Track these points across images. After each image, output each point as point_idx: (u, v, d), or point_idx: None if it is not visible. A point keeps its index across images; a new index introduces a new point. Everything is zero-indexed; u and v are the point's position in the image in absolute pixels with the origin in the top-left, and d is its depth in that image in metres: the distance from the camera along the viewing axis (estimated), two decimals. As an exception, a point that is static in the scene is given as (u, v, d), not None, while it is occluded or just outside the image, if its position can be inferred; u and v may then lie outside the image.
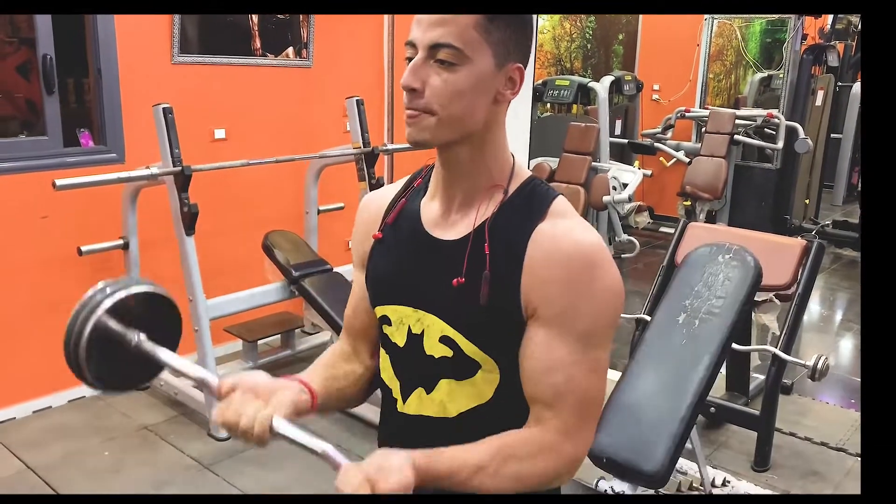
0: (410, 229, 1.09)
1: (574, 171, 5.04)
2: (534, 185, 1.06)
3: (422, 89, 0.97)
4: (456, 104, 0.97)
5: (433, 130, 0.99)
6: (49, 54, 3.11)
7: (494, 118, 1.02)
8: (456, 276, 1.02)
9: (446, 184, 1.07)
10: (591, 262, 0.98)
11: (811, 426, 3.30)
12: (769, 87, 6.93)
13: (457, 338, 1.03)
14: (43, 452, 2.95)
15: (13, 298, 3.13)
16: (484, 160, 1.04)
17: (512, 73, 1.01)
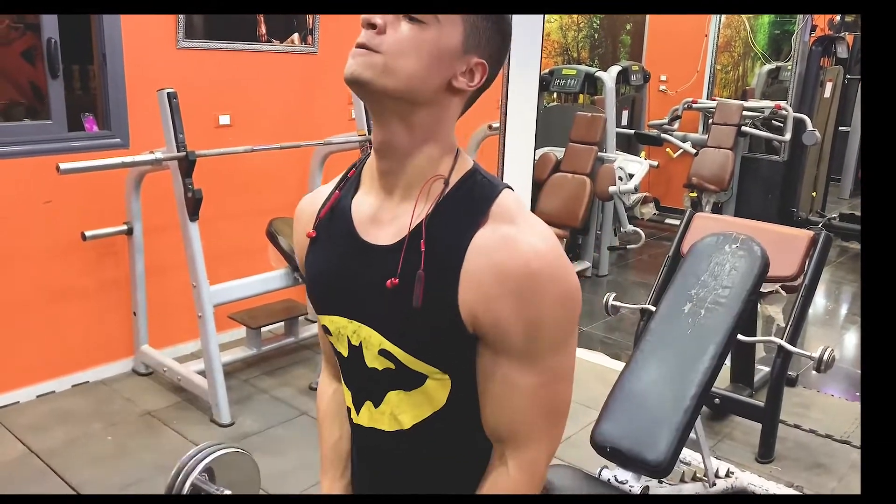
0: (343, 230, 1.01)
1: (580, 161, 5.02)
2: (475, 179, 0.97)
3: (382, 28, 0.90)
4: (410, 57, 0.89)
5: (376, 71, 0.89)
6: (54, 38, 3.09)
7: (444, 106, 0.94)
8: (391, 278, 0.93)
9: (382, 174, 0.98)
10: (536, 277, 0.89)
11: (816, 418, 3.29)
12: (777, 79, 6.87)
13: (395, 351, 0.96)
14: (46, 437, 2.95)
15: (17, 283, 3.13)
16: (425, 148, 0.95)
17: (474, 66, 0.93)
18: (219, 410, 3.08)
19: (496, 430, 0.98)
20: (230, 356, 3.42)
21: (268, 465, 2.81)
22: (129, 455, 2.86)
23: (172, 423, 3.10)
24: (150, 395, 3.33)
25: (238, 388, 3.38)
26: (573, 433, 3.02)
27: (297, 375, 3.53)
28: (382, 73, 0.90)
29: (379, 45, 0.90)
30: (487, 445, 1.00)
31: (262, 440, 2.99)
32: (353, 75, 0.91)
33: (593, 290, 5.01)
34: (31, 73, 3.76)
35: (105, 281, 3.41)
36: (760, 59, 6.95)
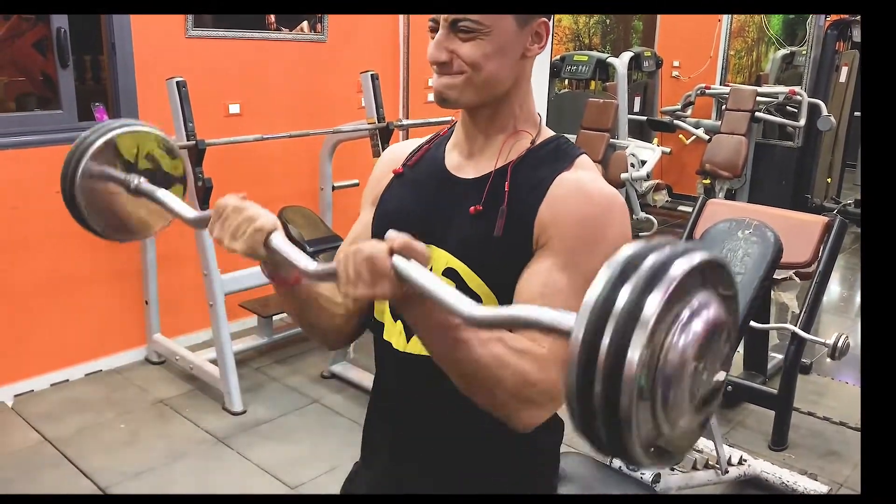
0: (431, 170, 1.11)
1: (592, 147, 4.99)
2: (560, 141, 1.08)
3: (450, 60, 0.99)
4: (485, 68, 0.99)
5: (460, 90, 1.01)
6: (63, 28, 3.09)
7: (522, 73, 1.04)
8: (475, 204, 1.02)
9: (470, 131, 1.08)
10: (609, 207, 0.99)
11: (830, 406, 3.26)
12: (792, 64, 6.80)
13: (461, 269, 1.03)
14: (60, 425, 2.97)
15: (30, 272, 3.15)
16: (510, 111, 1.06)
17: (538, 28, 1.02)
18: (230, 399, 3.09)
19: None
20: (242, 345, 3.43)
21: (280, 452, 2.83)
22: (141, 443, 2.88)
23: (185, 411, 3.11)
24: (163, 383, 3.35)
25: (250, 377, 3.39)
26: (585, 421, 3.02)
27: (308, 364, 3.54)
28: (465, 89, 1.00)
29: (460, 69, 0.99)
30: None
31: (273, 428, 3.00)
32: (442, 97, 1.02)
33: (605, 277, 4.98)
34: (43, 63, 3.77)
35: (117, 270, 3.42)
36: (774, 44, 6.87)
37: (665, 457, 0.66)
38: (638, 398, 0.59)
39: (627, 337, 0.59)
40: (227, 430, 2.97)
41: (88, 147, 1.11)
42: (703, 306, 0.62)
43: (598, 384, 0.59)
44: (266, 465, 2.74)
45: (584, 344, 0.60)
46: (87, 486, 2.60)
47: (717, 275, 0.65)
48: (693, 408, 0.64)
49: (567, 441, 1.21)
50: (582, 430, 0.64)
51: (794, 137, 5.95)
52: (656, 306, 0.59)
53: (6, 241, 3.06)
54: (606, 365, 0.59)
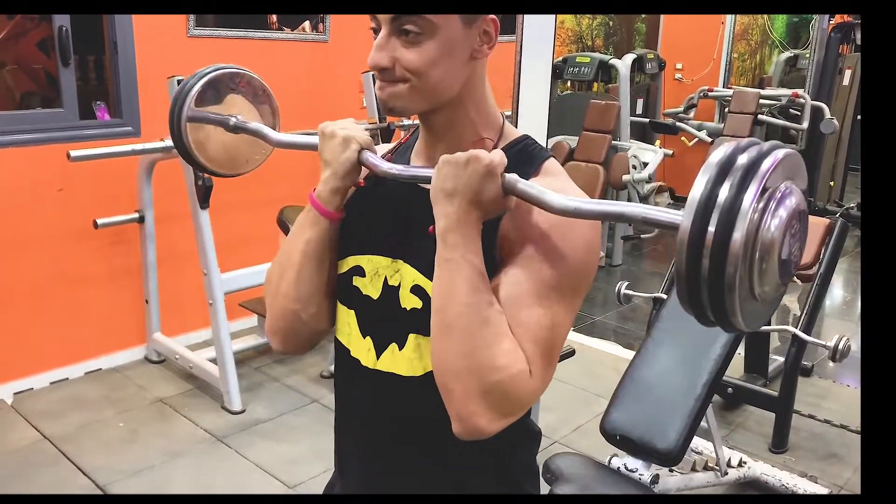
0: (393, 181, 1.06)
1: (593, 149, 4.98)
2: (525, 143, 1.03)
3: (391, 65, 0.93)
4: (430, 75, 0.93)
5: (407, 98, 0.95)
6: (65, 26, 3.10)
7: (472, 75, 0.98)
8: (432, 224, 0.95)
9: (429, 143, 1.04)
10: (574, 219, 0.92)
11: (831, 409, 3.25)
12: (795, 67, 6.78)
13: (428, 287, 0.98)
14: (59, 423, 2.97)
15: (31, 270, 3.15)
16: (467, 116, 1.00)
17: (486, 26, 0.96)
18: (230, 398, 3.09)
19: None
20: (241, 344, 3.43)
21: (279, 452, 2.82)
22: (140, 441, 2.88)
23: (184, 410, 3.11)
24: (162, 382, 3.35)
25: (249, 376, 3.39)
26: (585, 422, 3.01)
27: (307, 364, 3.53)
28: (411, 97, 0.95)
29: (398, 77, 0.94)
30: None
31: (272, 427, 3.00)
32: (389, 108, 0.98)
33: (607, 279, 4.97)
34: (47, 63, 3.78)
35: (117, 269, 3.43)
36: (778, 47, 6.86)
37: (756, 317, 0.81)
38: (740, 268, 0.73)
39: (731, 224, 0.73)
40: (226, 429, 2.96)
41: (188, 93, 1.26)
42: (787, 195, 0.77)
43: (706, 260, 0.74)
44: (265, 464, 2.74)
45: (692, 230, 0.74)
46: (86, 484, 2.60)
47: (795, 166, 0.79)
48: (780, 274, 0.79)
49: (561, 440, 1.21)
50: (688, 298, 0.78)
51: (797, 140, 5.92)
52: (752, 199, 0.73)
53: (7, 239, 3.07)
54: (714, 245, 0.73)
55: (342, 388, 1.15)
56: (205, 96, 1.28)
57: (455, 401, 0.90)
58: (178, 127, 1.27)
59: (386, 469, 1.10)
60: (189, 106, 1.26)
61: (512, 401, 0.90)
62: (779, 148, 0.77)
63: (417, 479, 1.08)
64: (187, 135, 1.27)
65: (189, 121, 1.26)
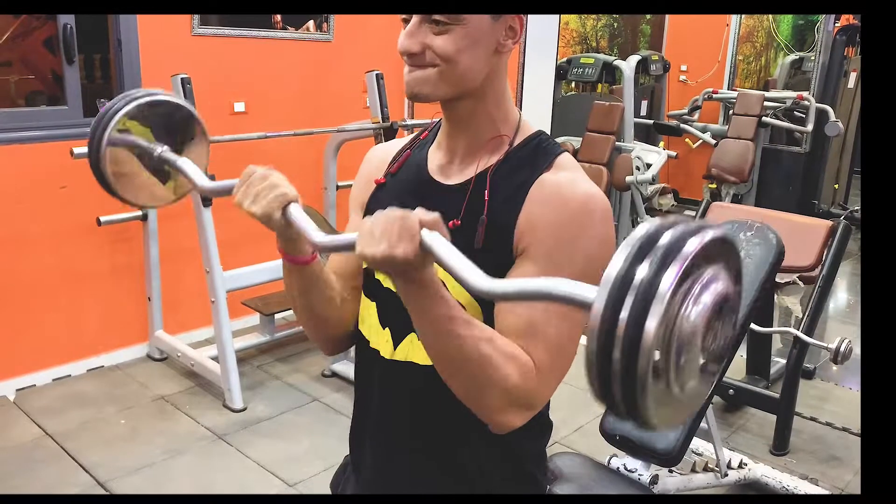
0: (414, 175, 1.10)
1: (597, 150, 4.98)
2: (540, 139, 1.06)
3: (421, 51, 0.97)
4: (457, 61, 0.97)
5: (434, 84, 0.98)
6: (70, 24, 3.11)
7: (495, 69, 1.02)
8: (453, 219, 0.99)
9: (450, 135, 1.07)
10: (588, 208, 0.97)
11: (833, 411, 3.24)
12: (801, 70, 6.77)
13: (445, 278, 0.97)
14: (61, 419, 2.98)
15: (34, 267, 3.16)
16: (486, 111, 1.03)
17: (511, 22, 0.99)
18: (231, 396, 3.10)
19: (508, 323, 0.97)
20: (243, 342, 3.44)
21: (279, 450, 2.82)
22: (141, 438, 2.88)
23: (185, 407, 3.11)
24: (164, 380, 3.35)
25: (251, 374, 3.40)
26: (585, 422, 3.01)
27: (309, 362, 3.54)
28: (438, 83, 0.98)
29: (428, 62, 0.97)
30: None
31: (273, 425, 3.00)
32: (414, 94, 0.99)
33: (609, 281, 4.97)
34: (53, 61, 3.79)
35: (120, 266, 3.44)
36: (784, 50, 6.85)
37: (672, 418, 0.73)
38: (653, 363, 0.65)
39: (646, 309, 0.64)
40: (227, 427, 2.97)
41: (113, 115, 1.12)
42: (713, 280, 0.68)
43: (617, 350, 0.65)
44: (265, 462, 2.74)
45: (604, 315, 0.66)
46: (87, 481, 2.60)
47: (725, 250, 0.71)
48: (701, 371, 0.71)
49: (562, 440, 1.21)
50: (600, 393, 0.69)
51: (801, 143, 5.92)
52: (671, 281, 0.65)
53: (10, 235, 3.08)
54: (626, 334, 0.65)
55: (360, 379, 1.18)
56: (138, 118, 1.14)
57: (482, 414, 0.95)
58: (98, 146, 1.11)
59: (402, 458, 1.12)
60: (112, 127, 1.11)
61: (533, 400, 0.96)
62: (708, 229, 0.69)
63: (431, 466, 1.10)
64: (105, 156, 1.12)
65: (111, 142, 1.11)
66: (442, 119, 1.08)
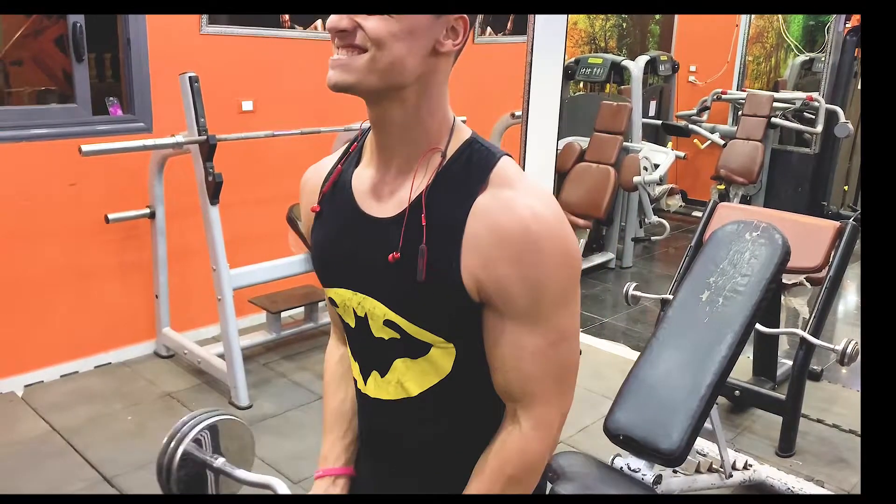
0: (344, 203, 1.02)
1: (605, 150, 4.97)
2: (473, 148, 0.96)
3: (353, 29, 0.88)
4: (391, 47, 0.88)
5: (360, 71, 0.89)
6: (79, 22, 3.13)
7: (432, 71, 0.92)
8: (392, 252, 0.94)
9: (380, 148, 0.98)
10: (536, 238, 0.89)
11: (840, 413, 3.23)
12: (811, 71, 6.73)
13: (400, 322, 0.97)
14: (68, 415, 3.00)
15: (42, 264, 3.18)
16: (420, 119, 0.94)
17: (454, 23, 0.91)
18: (237, 393, 3.11)
19: (507, 391, 0.98)
20: (250, 340, 3.45)
21: (284, 447, 2.83)
22: (147, 435, 2.90)
23: (192, 404, 3.13)
24: (171, 376, 3.37)
25: (257, 372, 3.41)
26: (590, 423, 3.00)
27: (315, 360, 3.55)
28: (366, 72, 0.89)
29: (363, 43, 0.88)
30: (494, 410, 1.01)
31: (279, 423, 3.01)
32: (337, 84, 0.90)
33: (617, 281, 4.96)
34: (63, 60, 3.82)
35: (128, 264, 3.46)
36: (794, 51, 6.82)
37: None
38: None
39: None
40: (232, 424, 2.98)
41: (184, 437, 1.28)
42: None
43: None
44: (270, 459, 2.75)
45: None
46: (93, 476, 2.62)
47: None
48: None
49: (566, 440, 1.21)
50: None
51: (811, 144, 5.89)
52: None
53: (19, 232, 3.10)
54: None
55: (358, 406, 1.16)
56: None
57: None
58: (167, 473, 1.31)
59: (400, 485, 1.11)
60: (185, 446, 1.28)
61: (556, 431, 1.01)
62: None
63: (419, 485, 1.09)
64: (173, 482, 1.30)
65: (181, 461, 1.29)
66: (372, 131, 0.99)
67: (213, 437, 1.27)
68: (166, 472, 1.27)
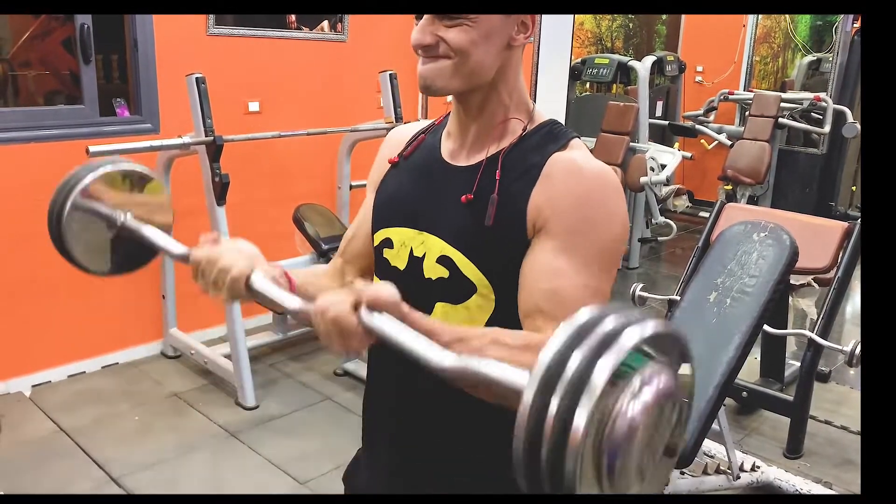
0: (426, 158, 1.11)
1: (611, 151, 4.96)
2: (552, 125, 1.07)
3: (435, 43, 0.98)
4: (471, 54, 0.98)
5: (447, 77, 0.99)
6: (87, 24, 3.14)
7: (507, 62, 1.03)
8: (466, 194, 1.02)
9: (461, 122, 1.08)
10: (605, 183, 0.98)
11: (848, 415, 3.21)
12: (818, 71, 6.71)
13: (455, 256, 1.02)
14: (75, 415, 3.01)
15: (49, 264, 3.17)
16: (499, 99, 1.04)
17: (524, 17, 1.01)
18: (244, 393, 3.11)
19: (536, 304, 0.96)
20: (256, 340, 3.45)
21: (291, 447, 2.84)
22: (154, 435, 2.90)
23: (198, 404, 3.13)
24: (178, 377, 3.38)
25: (263, 372, 3.41)
26: (597, 424, 3.00)
27: (321, 361, 3.55)
28: (452, 76, 0.99)
29: (446, 53, 0.98)
30: None
31: (285, 423, 3.02)
32: (427, 87, 1.01)
33: (623, 282, 4.94)
34: (71, 62, 3.83)
35: (135, 264, 3.46)
36: (801, 51, 6.79)
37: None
38: (583, 466, 0.59)
39: (574, 402, 0.59)
40: (239, 425, 2.98)
41: (76, 184, 1.13)
42: (654, 376, 0.62)
43: (545, 448, 0.60)
44: (276, 459, 2.75)
45: (532, 407, 0.61)
46: (100, 476, 2.62)
47: (671, 343, 0.66)
48: (639, 477, 0.64)
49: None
50: (531, 491, 0.64)
51: (818, 144, 5.87)
52: (605, 374, 0.59)
53: (27, 233, 3.11)
54: (553, 430, 0.59)
55: (373, 361, 1.18)
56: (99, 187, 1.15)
57: None
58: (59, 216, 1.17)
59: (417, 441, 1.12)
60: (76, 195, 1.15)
61: None
62: (652, 321, 0.64)
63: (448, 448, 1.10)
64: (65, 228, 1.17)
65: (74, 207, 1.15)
66: (453, 108, 1.10)
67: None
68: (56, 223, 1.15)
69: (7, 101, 3.78)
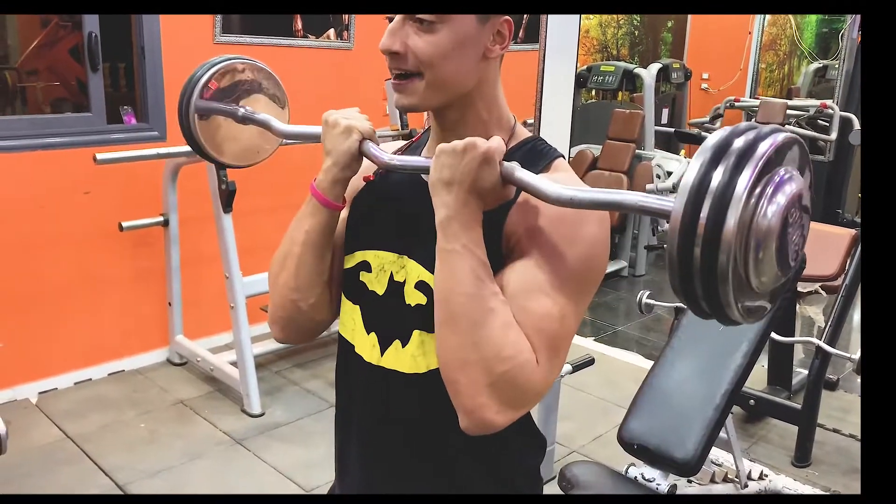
0: (404, 176, 1.06)
1: (617, 158, 4.96)
2: (535, 143, 1.03)
3: (404, 52, 0.94)
4: (442, 65, 0.94)
5: (422, 95, 0.96)
6: (94, 32, 3.16)
7: (484, 75, 0.99)
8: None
9: (440, 139, 1.02)
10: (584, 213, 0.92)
11: (857, 423, 3.18)
12: (824, 78, 6.70)
13: (432, 282, 0.95)
14: (81, 422, 3.01)
15: (57, 272, 3.20)
16: (477, 116, 1.01)
17: (499, 27, 0.96)
18: (250, 401, 3.11)
19: None
20: (262, 348, 3.45)
21: (296, 455, 2.83)
22: (160, 442, 2.90)
23: (204, 412, 3.13)
24: (184, 384, 3.38)
25: (269, 380, 3.41)
26: (604, 431, 2.98)
27: (327, 368, 3.54)
28: (426, 93, 0.96)
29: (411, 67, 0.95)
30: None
31: (291, 431, 3.01)
32: (403, 106, 0.99)
33: (629, 289, 4.94)
34: (78, 70, 3.85)
35: (141, 271, 3.47)
36: (807, 58, 6.79)
37: (752, 313, 0.79)
38: (733, 257, 0.71)
39: (724, 210, 0.70)
40: (244, 432, 2.98)
41: (195, 85, 1.27)
42: (785, 180, 0.74)
43: (698, 248, 0.71)
44: (282, 467, 2.75)
45: (684, 217, 0.72)
46: (106, 483, 2.62)
47: (796, 153, 0.77)
48: (778, 265, 0.76)
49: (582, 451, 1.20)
50: (681, 289, 0.76)
51: (825, 151, 5.85)
52: (746, 184, 0.71)
53: (33, 240, 3.12)
54: (706, 232, 0.71)
55: (344, 385, 1.15)
56: (214, 87, 1.29)
57: (462, 393, 0.89)
58: (187, 118, 1.29)
59: (385, 469, 1.09)
60: (196, 97, 1.28)
61: (519, 392, 0.89)
62: (778, 132, 0.74)
63: (417, 481, 1.07)
64: (196, 126, 1.29)
65: (197, 111, 1.28)
66: (432, 125, 1.07)
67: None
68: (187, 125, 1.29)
69: (15, 110, 3.80)
